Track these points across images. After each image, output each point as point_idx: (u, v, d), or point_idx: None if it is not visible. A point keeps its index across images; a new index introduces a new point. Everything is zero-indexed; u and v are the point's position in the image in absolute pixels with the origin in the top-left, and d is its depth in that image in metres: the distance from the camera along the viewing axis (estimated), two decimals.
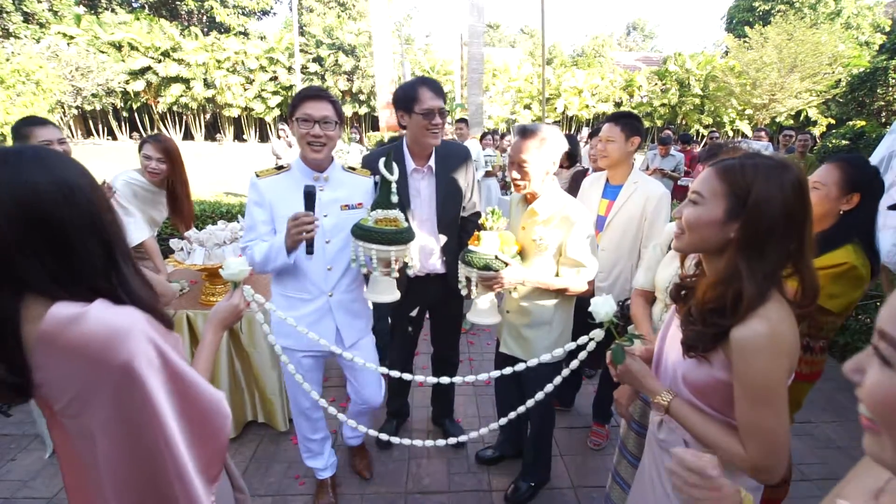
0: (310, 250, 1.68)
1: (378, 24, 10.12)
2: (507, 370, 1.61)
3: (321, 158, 1.81)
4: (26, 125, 2.23)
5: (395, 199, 1.78)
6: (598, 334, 1.35)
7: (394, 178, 1.76)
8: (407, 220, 1.99)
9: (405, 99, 1.99)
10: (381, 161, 1.75)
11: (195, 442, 0.99)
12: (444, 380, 1.62)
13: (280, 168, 1.87)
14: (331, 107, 1.77)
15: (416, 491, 2.38)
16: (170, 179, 2.69)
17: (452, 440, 1.70)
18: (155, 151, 2.57)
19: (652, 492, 1.28)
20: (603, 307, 1.29)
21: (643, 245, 2.33)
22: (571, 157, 3.71)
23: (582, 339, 1.40)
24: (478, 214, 2.32)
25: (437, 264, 2.29)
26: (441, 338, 2.62)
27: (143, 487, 0.94)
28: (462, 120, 6.83)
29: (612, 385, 2.72)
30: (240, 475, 1.38)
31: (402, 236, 1.75)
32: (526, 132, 1.85)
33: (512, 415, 1.67)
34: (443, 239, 2.24)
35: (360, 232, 1.74)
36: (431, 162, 2.16)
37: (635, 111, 25.04)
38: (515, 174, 1.87)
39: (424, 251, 2.24)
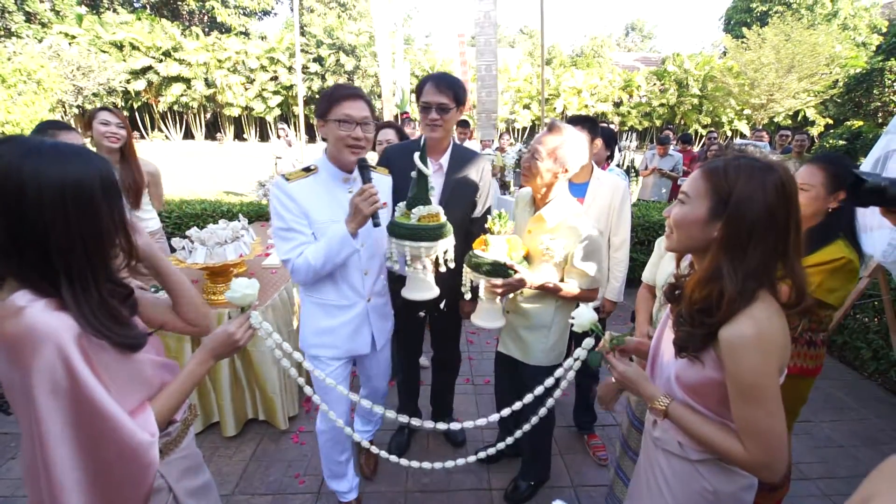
0: (377, 222, 1.68)
1: (380, 26, 10.03)
2: (517, 405, 1.63)
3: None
4: (50, 128, 2.33)
5: (433, 193, 1.78)
6: (588, 343, 1.37)
7: (430, 171, 1.74)
8: None
9: (416, 91, 2.08)
10: (417, 155, 1.70)
11: (98, 483, 0.90)
12: (455, 425, 1.64)
13: (308, 170, 1.76)
14: (367, 106, 1.72)
15: (416, 490, 2.39)
16: (121, 149, 2.74)
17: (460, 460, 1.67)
18: (114, 117, 2.63)
19: (647, 489, 1.29)
20: (585, 316, 1.32)
21: (612, 234, 2.49)
22: None
23: (577, 352, 1.42)
24: (481, 223, 2.28)
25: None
26: (441, 341, 2.61)
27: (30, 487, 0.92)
28: (463, 122, 6.57)
29: (584, 392, 2.77)
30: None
31: (447, 230, 1.79)
32: (552, 128, 1.83)
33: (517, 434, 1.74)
34: None
35: (405, 231, 1.72)
36: (444, 160, 2.17)
37: (634, 111, 25.22)
38: (527, 162, 1.86)
39: None
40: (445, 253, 1.82)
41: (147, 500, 1.02)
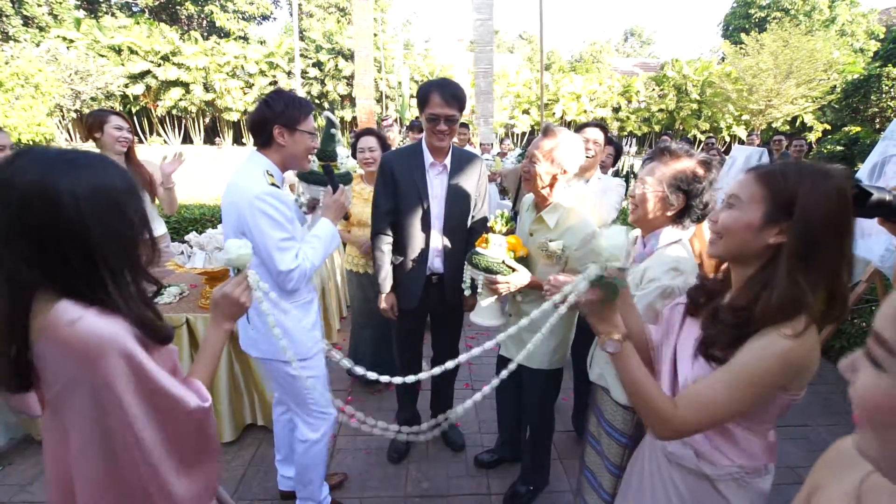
0: (347, 216, 1.99)
1: (361, 26, 9.97)
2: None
3: None
4: None
5: (338, 146, 2.03)
6: (593, 270, 1.00)
7: (336, 122, 2.02)
8: (428, 215, 2.22)
9: (420, 99, 2.10)
10: (326, 113, 1.96)
11: (174, 447, 1.00)
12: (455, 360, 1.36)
13: (272, 175, 1.77)
14: None
15: (416, 495, 2.38)
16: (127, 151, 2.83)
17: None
18: (124, 122, 2.73)
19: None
20: (617, 239, 0.97)
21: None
22: None
23: (578, 282, 1.03)
24: (483, 222, 2.39)
25: (439, 264, 2.33)
26: (442, 342, 2.62)
27: (112, 486, 0.96)
28: (463, 125, 6.57)
29: (583, 397, 2.76)
30: (229, 497, 1.34)
31: (346, 178, 2.05)
32: (547, 131, 1.86)
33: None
34: (446, 238, 2.29)
35: (346, 178, 2.05)
36: (447, 161, 2.25)
37: (633, 116, 25.31)
38: (526, 167, 1.88)
39: (433, 249, 2.30)
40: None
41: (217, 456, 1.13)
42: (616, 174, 3.90)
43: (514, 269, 1.81)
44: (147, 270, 1.02)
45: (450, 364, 1.30)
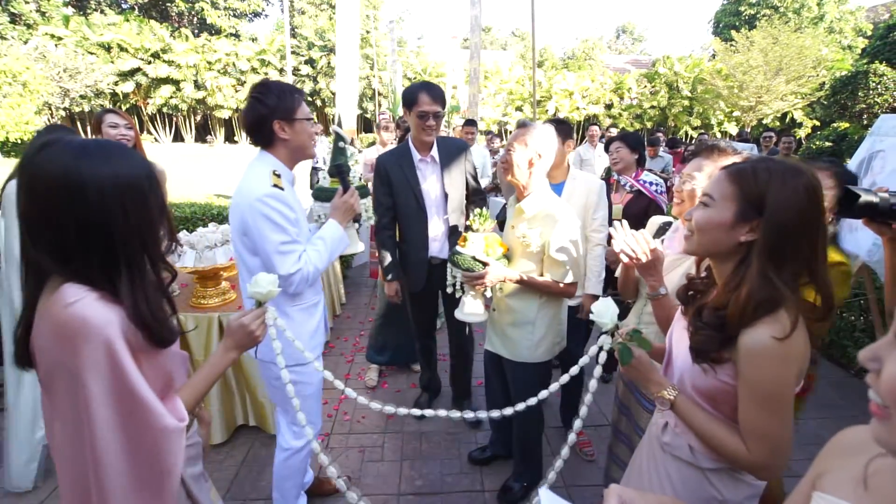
0: (358, 218, 1.92)
1: (344, 23, 9.55)
2: (508, 410, 1.57)
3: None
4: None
5: (351, 161, 2.07)
6: (605, 341, 1.24)
7: (346, 137, 2.03)
8: (423, 206, 2.43)
9: (407, 100, 2.29)
10: (334, 126, 2.01)
11: (137, 470, 0.95)
12: (468, 414, 1.50)
13: (277, 175, 1.68)
14: None
15: (410, 492, 2.39)
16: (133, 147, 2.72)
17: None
18: (121, 119, 2.60)
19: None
20: (607, 312, 1.19)
21: (591, 230, 2.56)
22: None
23: (592, 350, 1.29)
24: (480, 193, 2.64)
25: (442, 249, 2.51)
26: (455, 325, 2.76)
27: (74, 480, 0.97)
28: (471, 122, 6.36)
29: (570, 390, 2.77)
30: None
31: (363, 190, 2.09)
32: (520, 125, 1.99)
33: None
34: (449, 223, 2.49)
35: (366, 191, 2.14)
36: (434, 153, 2.43)
37: (625, 113, 25.34)
38: (503, 158, 2.00)
39: (434, 236, 2.49)
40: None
41: (175, 492, 1.05)
42: (608, 172, 3.88)
43: (486, 265, 1.88)
44: (164, 258, 1.03)
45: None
